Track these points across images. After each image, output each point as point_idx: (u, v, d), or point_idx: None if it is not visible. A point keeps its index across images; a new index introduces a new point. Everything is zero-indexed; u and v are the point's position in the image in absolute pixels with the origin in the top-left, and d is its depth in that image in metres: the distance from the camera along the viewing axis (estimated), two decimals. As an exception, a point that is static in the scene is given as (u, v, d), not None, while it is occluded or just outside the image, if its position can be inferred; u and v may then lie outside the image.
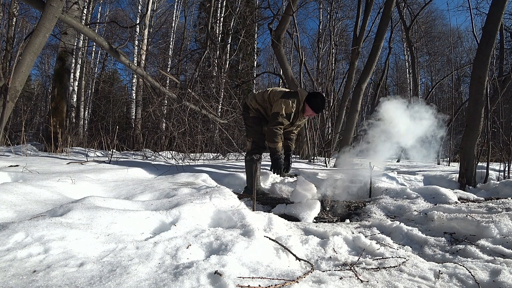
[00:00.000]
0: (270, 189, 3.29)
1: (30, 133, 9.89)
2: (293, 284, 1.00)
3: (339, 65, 15.49)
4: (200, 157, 5.99)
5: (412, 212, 2.32)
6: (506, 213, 1.90)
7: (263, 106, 3.07)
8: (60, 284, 0.86)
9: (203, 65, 7.45)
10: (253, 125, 3.11)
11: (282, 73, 6.57)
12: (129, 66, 4.51)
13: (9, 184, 1.82)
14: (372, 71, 6.49)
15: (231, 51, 13.29)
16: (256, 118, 3.12)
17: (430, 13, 16.86)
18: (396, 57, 19.54)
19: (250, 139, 3.12)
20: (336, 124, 7.97)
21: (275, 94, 2.96)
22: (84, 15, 9.89)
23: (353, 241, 1.61)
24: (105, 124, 9.29)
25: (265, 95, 3.03)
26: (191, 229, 1.41)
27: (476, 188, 3.82)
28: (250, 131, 3.13)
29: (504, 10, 3.84)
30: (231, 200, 1.89)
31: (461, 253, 1.52)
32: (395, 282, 1.16)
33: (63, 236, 1.14)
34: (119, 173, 2.91)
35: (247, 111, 3.16)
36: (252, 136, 3.10)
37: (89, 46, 13.03)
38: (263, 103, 3.06)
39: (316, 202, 2.43)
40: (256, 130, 3.09)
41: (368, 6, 6.74)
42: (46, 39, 2.80)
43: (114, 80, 16.77)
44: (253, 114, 3.12)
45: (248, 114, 3.14)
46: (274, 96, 2.94)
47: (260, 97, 3.09)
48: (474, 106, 3.87)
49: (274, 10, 7.53)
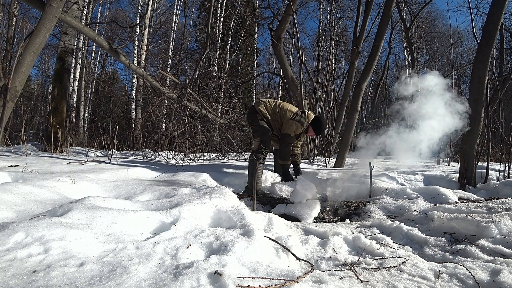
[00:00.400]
0: (270, 189, 3.29)
1: (30, 133, 9.88)
2: (293, 284, 1.00)
3: (339, 65, 15.49)
4: (200, 157, 5.99)
5: (412, 212, 2.32)
6: (506, 213, 1.90)
7: (272, 118, 3.26)
8: (60, 284, 0.86)
9: (203, 65, 7.45)
10: (261, 126, 3.23)
11: (282, 73, 6.56)
12: (129, 66, 4.51)
13: (9, 184, 1.82)
14: (372, 71, 6.49)
15: (231, 51, 13.28)
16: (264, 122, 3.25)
17: (430, 13, 16.86)
18: (396, 57, 19.54)
19: (257, 139, 3.22)
20: (336, 124, 7.96)
21: (286, 113, 3.18)
22: (84, 15, 9.89)
23: (353, 241, 1.61)
24: (105, 124, 9.29)
25: (277, 109, 3.25)
26: (191, 229, 1.41)
27: (476, 188, 3.82)
28: (258, 131, 3.23)
29: (504, 10, 3.84)
30: (231, 200, 1.89)
31: (461, 253, 1.52)
32: (395, 282, 1.16)
33: (63, 236, 1.14)
34: (119, 173, 2.91)
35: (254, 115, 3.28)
36: (260, 136, 3.21)
37: (89, 46, 13.03)
38: (273, 116, 3.25)
39: (316, 202, 2.43)
40: (263, 131, 3.21)
41: (368, 6, 6.74)
42: (46, 39, 2.80)
43: (114, 80, 16.77)
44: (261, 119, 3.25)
45: (256, 117, 3.26)
46: (285, 116, 3.17)
47: (270, 109, 3.26)
48: (474, 106, 3.87)
49: (274, 10, 7.52)
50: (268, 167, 4.10)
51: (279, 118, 3.23)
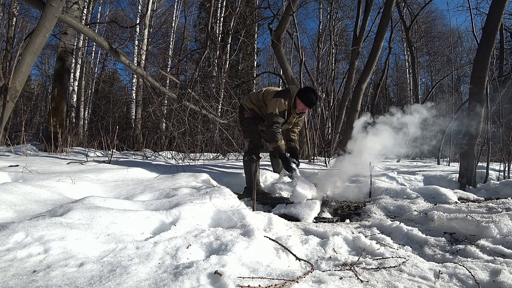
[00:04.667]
0: (270, 189, 3.29)
1: (30, 133, 9.87)
2: (293, 284, 1.00)
3: (339, 65, 15.49)
4: (200, 157, 5.99)
5: (412, 212, 2.32)
6: (506, 213, 1.90)
7: (257, 105, 3.11)
8: (60, 284, 0.86)
9: (203, 65, 7.46)
10: (248, 125, 3.16)
11: (282, 73, 6.56)
12: (129, 66, 4.51)
13: (9, 184, 1.82)
14: (372, 71, 6.49)
15: (231, 51, 13.28)
16: (251, 119, 3.17)
17: (430, 13, 16.88)
18: (396, 57, 19.53)
19: (247, 140, 3.17)
20: (336, 124, 7.97)
21: (268, 93, 3.01)
22: (84, 15, 9.89)
23: (353, 241, 1.61)
24: (105, 124, 9.27)
25: (260, 94, 3.09)
26: (191, 229, 1.41)
27: (476, 188, 3.82)
28: (247, 132, 3.18)
29: (504, 10, 3.84)
30: (231, 200, 1.89)
31: (461, 253, 1.52)
32: (395, 282, 1.16)
33: (63, 236, 1.14)
34: (119, 173, 2.90)
35: (242, 112, 3.22)
36: (249, 136, 3.15)
37: (89, 46, 13.03)
38: (258, 103, 3.10)
39: (316, 202, 2.42)
40: (252, 130, 3.14)
41: (368, 6, 6.74)
42: (46, 39, 2.80)
43: (114, 80, 16.77)
44: (248, 115, 3.17)
45: (243, 115, 3.20)
46: (268, 96, 2.98)
47: (254, 97, 3.14)
48: (474, 106, 3.87)
49: (274, 10, 7.53)
50: (268, 167, 4.10)
51: (264, 103, 3.03)
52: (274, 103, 2.85)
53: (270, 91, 3.03)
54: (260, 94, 3.09)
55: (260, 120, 3.17)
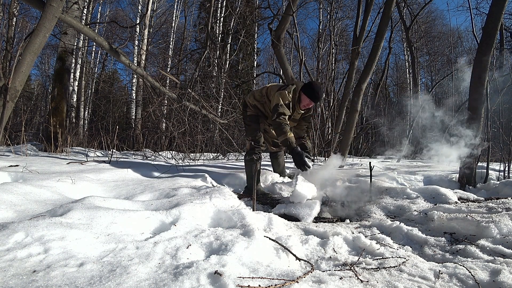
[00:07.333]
0: (270, 189, 3.29)
1: (30, 133, 9.87)
2: (293, 284, 1.00)
3: (339, 65, 15.49)
4: (200, 157, 5.99)
5: (412, 212, 2.32)
6: (506, 213, 1.89)
7: (261, 101, 3.07)
8: (60, 284, 0.86)
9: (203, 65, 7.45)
10: (250, 123, 3.13)
11: (282, 73, 6.55)
12: (129, 66, 4.51)
13: (9, 184, 1.82)
14: (372, 71, 6.48)
15: (231, 51, 13.28)
16: (253, 116, 3.14)
17: (430, 13, 16.86)
18: (396, 57, 19.53)
19: (249, 138, 3.13)
20: (336, 124, 7.95)
21: (272, 88, 2.98)
22: (84, 15, 9.89)
23: (353, 241, 1.61)
24: (105, 124, 9.28)
25: (264, 90, 3.06)
26: (191, 229, 1.41)
27: (476, 188, 3.81)
28: (249, 130, 3.15)
29: (504, 10, 3.83)
30: (231, 200, 1.89)
31: (461, 253, 1.52)
32: (395, 282, 1.16)
33: (63, 236, 1.14)
34: (119, 173, 2.91)
35: (245, 109, 3.19)
36: (250, 135, 3.12)
37: (89, 46, 13.03)
38: (261, 98, 3.06)
39: (316, 202, 2.42)
40: (254, 128, 3.11)
41: (368, 6, 6.73)
42: (46, 39, 2.80)
43: (114, 80, 16.77)
44: (251, 112, 3.14)
45: (246, 112, 3.17)
46: (272, 91, 2.95)
47: (258, 93, 3.11)
48: (474, 106, 3.87)
49: (274, 10, 7.52)
50: (268, 167, 4.10)
51: (267, 99, 2.98)
52: (278, 95, 2.77)
53: (274, 86, 3.00)
54: (264, 89, 3.05)
55: (263, 118, 3.13)
